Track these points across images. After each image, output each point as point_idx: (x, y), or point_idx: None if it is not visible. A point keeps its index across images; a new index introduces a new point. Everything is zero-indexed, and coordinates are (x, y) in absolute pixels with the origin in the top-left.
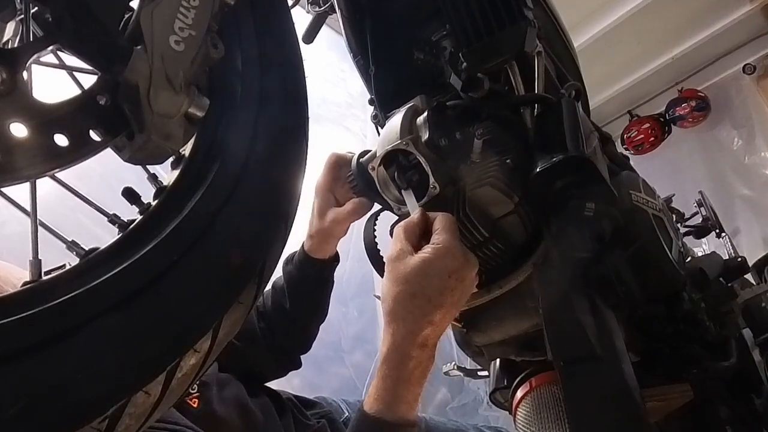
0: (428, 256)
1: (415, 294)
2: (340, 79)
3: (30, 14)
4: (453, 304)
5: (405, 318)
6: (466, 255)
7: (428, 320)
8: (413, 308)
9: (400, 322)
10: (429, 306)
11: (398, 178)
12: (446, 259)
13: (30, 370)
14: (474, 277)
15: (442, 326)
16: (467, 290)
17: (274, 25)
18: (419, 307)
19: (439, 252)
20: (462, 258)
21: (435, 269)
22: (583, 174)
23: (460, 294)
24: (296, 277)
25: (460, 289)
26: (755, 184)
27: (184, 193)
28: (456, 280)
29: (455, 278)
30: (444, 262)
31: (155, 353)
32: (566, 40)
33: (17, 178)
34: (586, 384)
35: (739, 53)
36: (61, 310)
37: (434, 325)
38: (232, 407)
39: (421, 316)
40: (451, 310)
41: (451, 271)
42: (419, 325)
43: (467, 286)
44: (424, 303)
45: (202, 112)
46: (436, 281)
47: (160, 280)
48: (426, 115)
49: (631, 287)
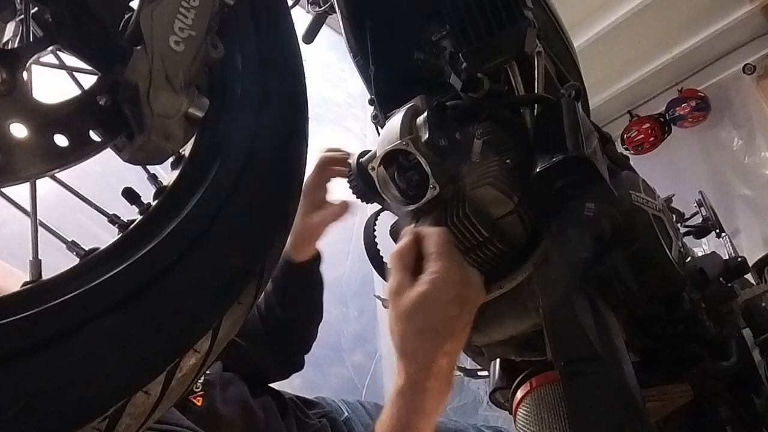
0: (426, 289)
1: (421, 329)
2: (340, 79)
3: (30, 14)
4: (462, 329)
5: (416, 354)
6: (464, 276)
7: (441, 352)
8: (423, 343)
9: (411, 358)
10: (438, 338)
11: (398, 178)
12: (445, 288)
13: (30, 370)
14: (477, 293)
15: (456, 352)
16: (474, 308)
17: (274, 25)
18: (429, 342)
19: (437, 282)
20: (461, 281)
21: (435, 301)
22: (583, 174)
23: (468, 316)
24: (282, 283)
25: (468, 311)
26: (755, 184)
27: (184, 193)
28: (460, 305)
29: (458, 303)
30: (443, 292)
31: (155, 353)
32: (566, 40)
33: (17, 178)
34: (587, 384)
35: (739, 53)
36: (61, 310)
37: (448, 354)
38: (235, 406)
39: (433, 349)
40: (461, 335)
41: (452, 299)
42: (432, 358)
43: (473, 305)
44: (432, 336)
45: (202, 112)
46: (440, 313)
47: (160, 280)
48: (426, 115)
49: (631, 287)
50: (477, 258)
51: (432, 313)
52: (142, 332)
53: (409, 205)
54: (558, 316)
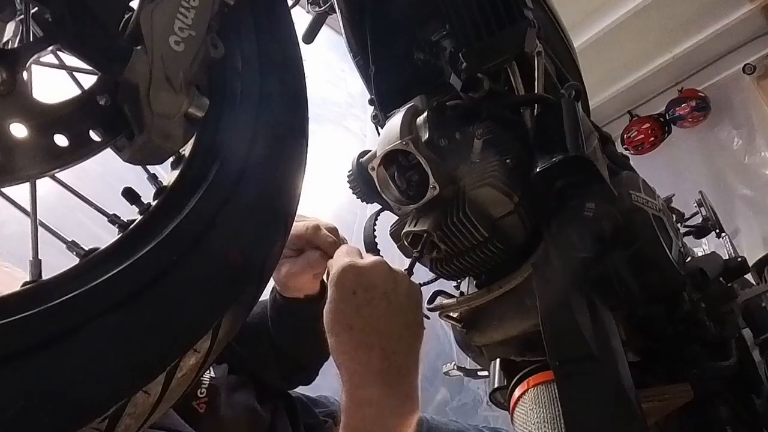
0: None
1: (338, 333)
2: (340, 79)
3: (30, 14)
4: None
5: (345, 363)
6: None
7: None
8: (345, 348)
9: (343, 371)
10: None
11: (398, 178)
12: (343, 283)
13: (30, 370)
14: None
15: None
16: (398, 293)
17: (274, 25)
18: (346, 342)
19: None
20: (354, 268)
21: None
22: (583, 174)
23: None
24: (274, 314)
25: (384, 298)
26: (755, 184)
27: (184, 193)
28: (365, 291)
29: (362, 290)
30: (341, 288)
31: (155, 353)
32: (566, 40)
33: (17, 178)
34: (582, 384)
35: (739, 53)
36: (61, 310)
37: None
38: (241, 412)
39: (353, 348)
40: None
41: (352, 289)
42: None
43: (390, 289)
44: (349, 335)
45: (202, 112)
46: (344, 307)
47: (160, 280)
48: (426, 115)
49: (631, 287)
50: (477, 258)
51: (338, 315)
52: (142, 332)
53: (409, 205)
54: (555, 316)
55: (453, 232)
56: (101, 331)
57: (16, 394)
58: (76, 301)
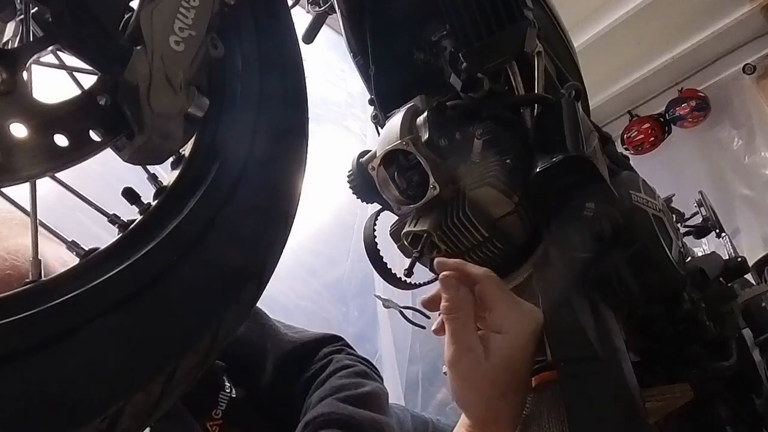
0: (510, 353)
1: (505, 394)
2: (340, 79)
3: (30, 14)
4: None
5: (498, 419)
6: (534, 321)
7: (521, 407)
8: (506, 407)
9: (493, 425)
10: (519, 395)
11: (398, 178)
12: (526, 344)
13: (30, 370)
14: (540, 326)
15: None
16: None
17: (274, 25)
18: (511, 403)
19: (517, 341)
20: (535, 331)
21: (519, 362)
22: (583, 174)
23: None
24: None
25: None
26: (755, 184)
27: (184, 193)
28: (535, 352)
29: (535, 353)
30: (526, 350)
31: (155, 353)
32: (566, 40)
33: (17, 178)
34: (586, 384)
35: (739, 53)
36: (61, 310)
37: (524, 406)
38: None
39: (516, 409)
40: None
41: (532, 351)
42: (514, 418)
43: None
44: (513, 396)
45: (202, 112)
46: (524, 371)
47: (160, 281)
48: (426, 115)
49: (631, 287)
50: (477, 258)
51: (518, 376)
52: (142, 332)
53: (409, 205)
54: (557, 316)
55: (453, 232)
56: (101, 331)
57: (16, 394)
58: (76, 301)
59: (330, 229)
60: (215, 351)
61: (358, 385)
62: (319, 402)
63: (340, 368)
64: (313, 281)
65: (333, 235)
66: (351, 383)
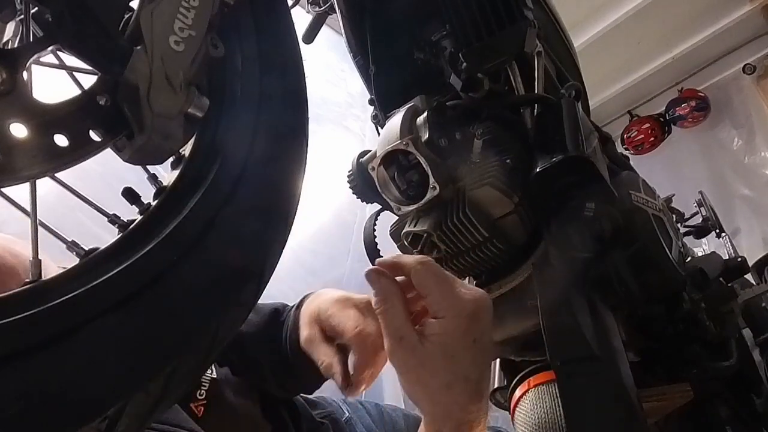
0: (444, 338)
1: (450, 383)
2: (340, 79)
3: (30, 14)
4: (487, 361)
5: (450, 411)
6: (475, 305)
7: (476, 398)
8: (454, 397)
9: (445, 418)
10: (469, 384)
11: (398, 178)
12: (465, 329)
13: (30, 370)
14: (488, 314)
15: (487, 390)
16: (488, 331)
17: (274, 25)
18: (461, 392)
19: (453, 327)
20: (473, 313)
21: (458, 348)
22: (583, 174)
23: (487, 343)
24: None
25: (486, 338)
26: (755, 184)
27: (184, 193)
28: (480, 340)
29: (479, 338)
30: (464, 335)
31: (155, 353)
32: (566, 40)
33: (17, 178)
34: (583, 384)
35: (739, 53)
36: (61, 310)
37: (480, 398)
38: (241, 418)
39: (467, 398)
40: (488, 369)
41: (474, 337)
42: (468, 409)
43: (488, 330)
44: (463, 385)
45: (202, 112)
46: (466, 358)
47: (160, 281)
48: (426, 115)
49: (631, 287)
50: (477, 258)
51: (458, 362)
52: (142, 332)
53: (409, 205)
54: (556, 316)
55: (453, 232)
56: (101, 331)
57: (16, 394)
58: (76, 301)
59: (330, 229)
60: (215, 351)
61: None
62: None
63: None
64: (313, 281)
65: (333, 235)
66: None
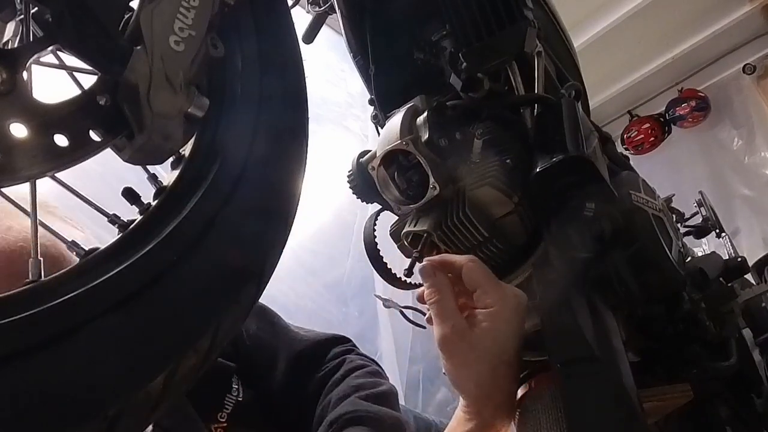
0: (493, 325)
1: (495, 367)
2: (340, 79)
3: (30, 14)
4: (521, 354)
5: (492, 394)
6: (517, 300)
7: (514, 386)
8: (499, 381)
9: (487, 400)
10: (512, 369)
11: (398, 178)
12: (511, 319)
13: (29, 370)
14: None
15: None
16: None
17: (274, 25)
18: (504, 376)
19: (501, 317)
20: (517, 307)
21: (505, 335)
22: (583, 174)
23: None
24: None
25: (523, 334)
26: (755, 184)
27: (184, 193)
28: (520, 331)
29: (520, 329)
30: (511, 325)
31: (155, 353)
32: (566, 40)
33: (17, 178)
34: (584, 384)
35: (739, 53)
36: (61, 310)
37: (517, 386)
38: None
39: (509, 383)
40: (521, 361)
41: (517, 327)
42: (508, 393)
43: (524, 326)
44: (506, 370)
45: (202, 112)
46: (511, 345)
47: (160, 281)
48: (426, 115)
49: (631, 287)
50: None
51: (504, 348)
52: (142, 332)
53: (409, 205)
54: (556, 317)
55: (453, 232)
56: (101, 331)
57: (16, 394)
58: (76, 301)
59: (330, 229)
60: (215, 351)
61: (375, 384)
62: (340, 401)
63: (354, 368)
64: (313, 281)
65: (333, 235)
66: (369, 382)
